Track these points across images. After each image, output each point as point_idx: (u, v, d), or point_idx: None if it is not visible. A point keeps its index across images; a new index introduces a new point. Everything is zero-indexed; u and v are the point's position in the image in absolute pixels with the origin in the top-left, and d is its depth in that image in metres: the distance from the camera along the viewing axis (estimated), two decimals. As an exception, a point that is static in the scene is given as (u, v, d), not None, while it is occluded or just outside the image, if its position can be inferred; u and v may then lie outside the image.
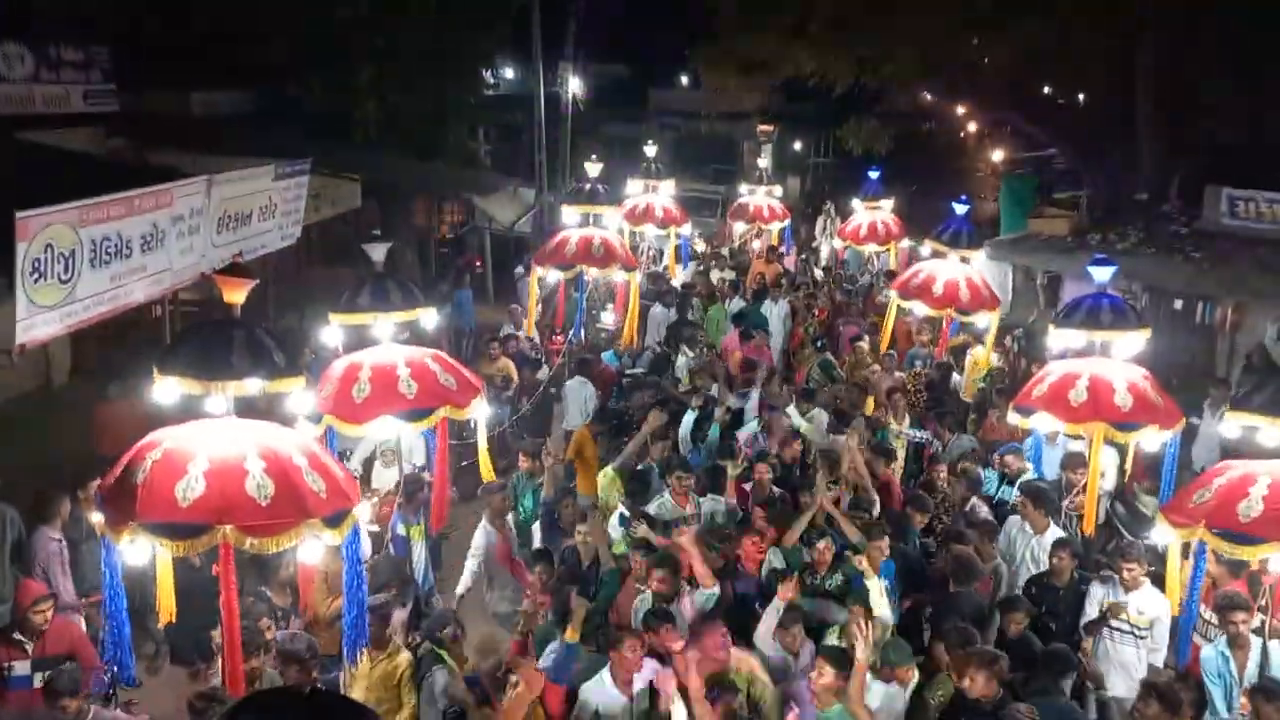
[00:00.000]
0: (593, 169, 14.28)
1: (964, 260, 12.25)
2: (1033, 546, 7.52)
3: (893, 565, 6.88)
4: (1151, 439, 8.04)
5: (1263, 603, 6.37)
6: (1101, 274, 8.56)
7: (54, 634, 6.25)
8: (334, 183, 16.26)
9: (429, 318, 7.97)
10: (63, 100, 14.25)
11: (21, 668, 6.05)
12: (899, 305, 12.38)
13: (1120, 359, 8.27)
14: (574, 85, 24.07)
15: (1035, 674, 5.95)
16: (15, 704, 6.01)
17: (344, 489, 5.47)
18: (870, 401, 10.42)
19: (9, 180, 10.36)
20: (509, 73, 29.03)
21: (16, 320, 7.63)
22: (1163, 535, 6.61)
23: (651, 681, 5.43)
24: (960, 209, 12.90)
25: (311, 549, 5.49)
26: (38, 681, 6.02)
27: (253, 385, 5.32)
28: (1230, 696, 6.17)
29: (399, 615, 6.64)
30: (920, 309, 12.25)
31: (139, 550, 5.12)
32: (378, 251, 7.55)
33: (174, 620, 5.75)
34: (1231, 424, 6.71)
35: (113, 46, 15.36)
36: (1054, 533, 7.49)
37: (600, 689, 5.47)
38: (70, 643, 6.34)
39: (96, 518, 5.27)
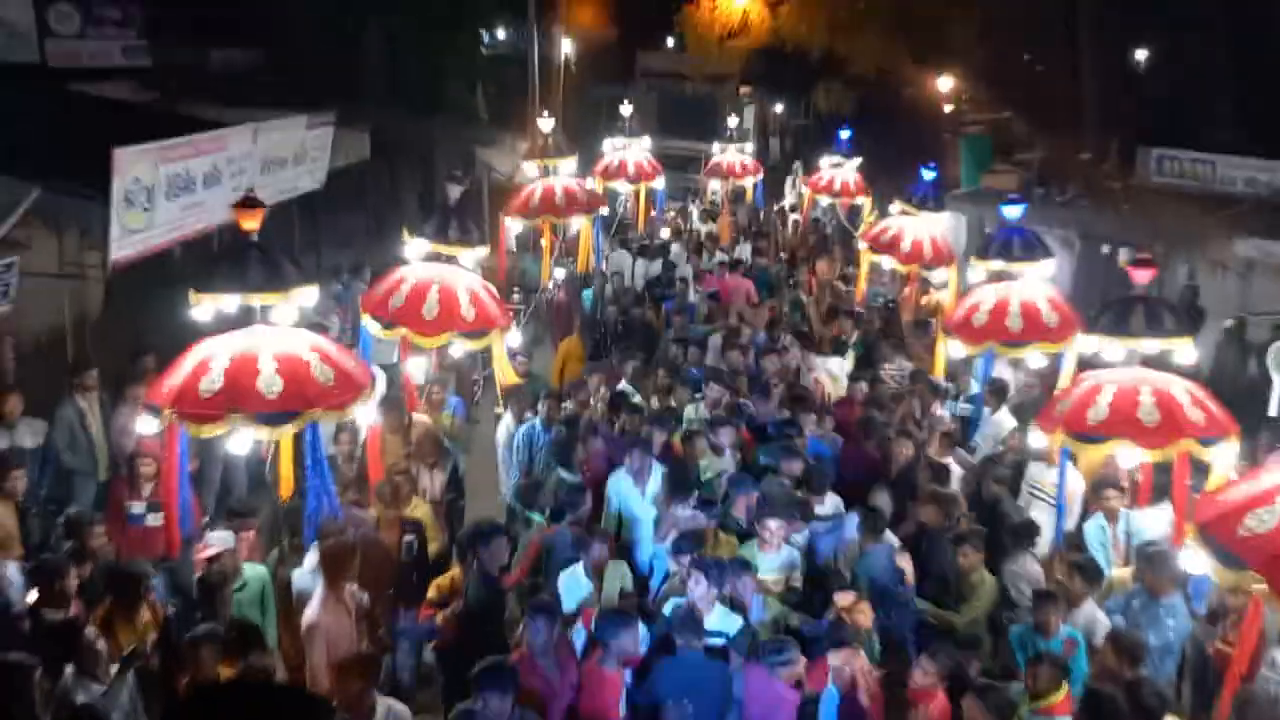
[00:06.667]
0: (545, 124, 15.35)
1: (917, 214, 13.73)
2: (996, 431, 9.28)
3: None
4: (1037, 358, 9.67)
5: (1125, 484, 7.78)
6: (1012, 211, 10.15)
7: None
8: (346, 134, 17.58)
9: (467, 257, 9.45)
10: (104, 55, 15.64)
11: (138, 507, 7.41)
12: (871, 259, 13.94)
13: (1031, 283, 9.88)
14: (566, 47, 25.41)
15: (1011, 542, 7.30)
16: (133, 535, 7.32)
17: (304, 394, 6.33)
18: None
19: (74, 125, 11.84)
20: (500, 34, 30.21)
21: (110, 241, 9.13)
22: (1036, 440, 7.82)
23: None
24: (928, 175, 14.29)
25: (241, 440, 6.65)
26: (150, 520, 7.44)
27: (262, 297, 6.64)
28: (1109, 558, 7.55)
29: (439, 478, 8.26)
30: (888, 263, 13.75)
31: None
32: (455, 190, 9.01)
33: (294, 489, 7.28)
34: (1084, 343, 8.06)
35: (145, 5, 16.72)
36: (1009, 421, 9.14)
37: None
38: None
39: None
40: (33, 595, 5.92)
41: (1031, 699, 5.48)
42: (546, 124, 15.36)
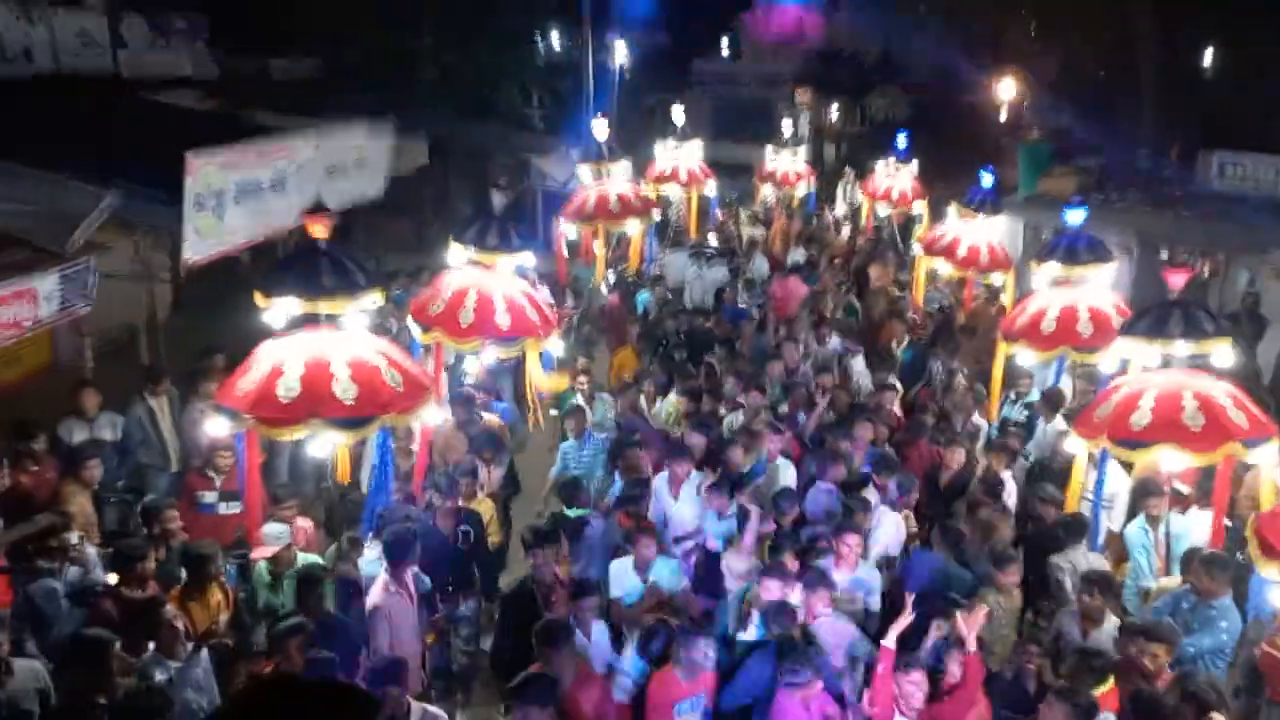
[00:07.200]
0: (600, 130, 15.63)
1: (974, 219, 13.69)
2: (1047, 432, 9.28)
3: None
4: (1110, 363, 9.57)
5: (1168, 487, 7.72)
6: (1076, 216, 10.11)
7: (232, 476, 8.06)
8: (404, 141, 17.89)
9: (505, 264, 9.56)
10: (172, 65, 16.15)
11: (210, 496, 7.72)
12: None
13: (1097, 288, 9.83)
14: (620, 54, 25.62)
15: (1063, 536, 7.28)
16: (204, 524, 7.56)
17: (379, 399, 6.57)
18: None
19: (145, 132, 12.27)
20: (555, 43, 30.53)
21: (183, 243, 9.48)
22: (1074, 446, 7.78)
23: None
24: (987, 179, 14.28)
25: (322, 444, 6.94)
26: (222, 509, 7.71)
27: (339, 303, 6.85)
28: (1150, 560, 7.56)
29: (497, 473, 8.47)
30: (944, 268, 13.75)
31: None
32: (499, 198, 9.21)
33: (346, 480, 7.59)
34: (1122, 346, 7.96)
35: (211, 18, 17.25)
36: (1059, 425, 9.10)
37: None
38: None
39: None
40: (113, 577, 6.21)
41: None
42: (601, 130, 15.54)
